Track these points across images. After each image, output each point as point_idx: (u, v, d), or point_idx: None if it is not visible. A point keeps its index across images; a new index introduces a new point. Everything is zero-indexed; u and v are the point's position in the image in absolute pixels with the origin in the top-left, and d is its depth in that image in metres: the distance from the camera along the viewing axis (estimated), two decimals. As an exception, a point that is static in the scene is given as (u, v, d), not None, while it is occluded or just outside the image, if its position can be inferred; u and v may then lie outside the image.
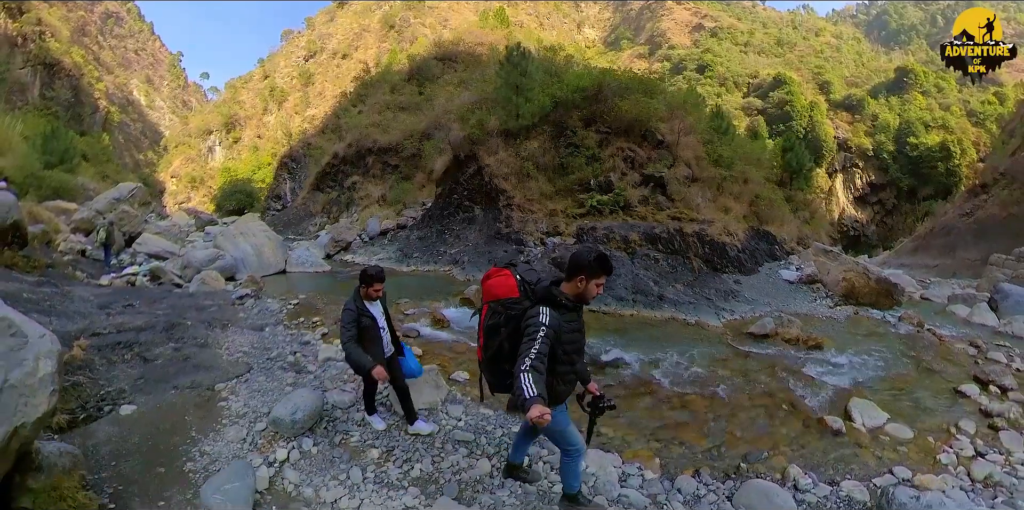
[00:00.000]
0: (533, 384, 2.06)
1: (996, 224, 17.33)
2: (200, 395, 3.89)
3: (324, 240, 17.21)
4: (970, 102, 46.44)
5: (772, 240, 12.41)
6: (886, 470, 3.79)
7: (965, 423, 4.62)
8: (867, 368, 6.06)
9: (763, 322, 7.20)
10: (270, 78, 72.78)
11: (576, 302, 2.44)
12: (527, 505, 2.91)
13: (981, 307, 9.37)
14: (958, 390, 5.40)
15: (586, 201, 11.35)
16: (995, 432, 4.52)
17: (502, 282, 2.57)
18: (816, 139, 40.53)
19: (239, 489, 2.52)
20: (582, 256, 2.40)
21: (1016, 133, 22.73)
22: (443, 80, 26.32)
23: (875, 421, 4.54)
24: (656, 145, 12.57)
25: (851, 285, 9.83)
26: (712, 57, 53.80)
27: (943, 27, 76.17)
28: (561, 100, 13.39)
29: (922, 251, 20.86)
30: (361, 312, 3.53)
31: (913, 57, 60.06)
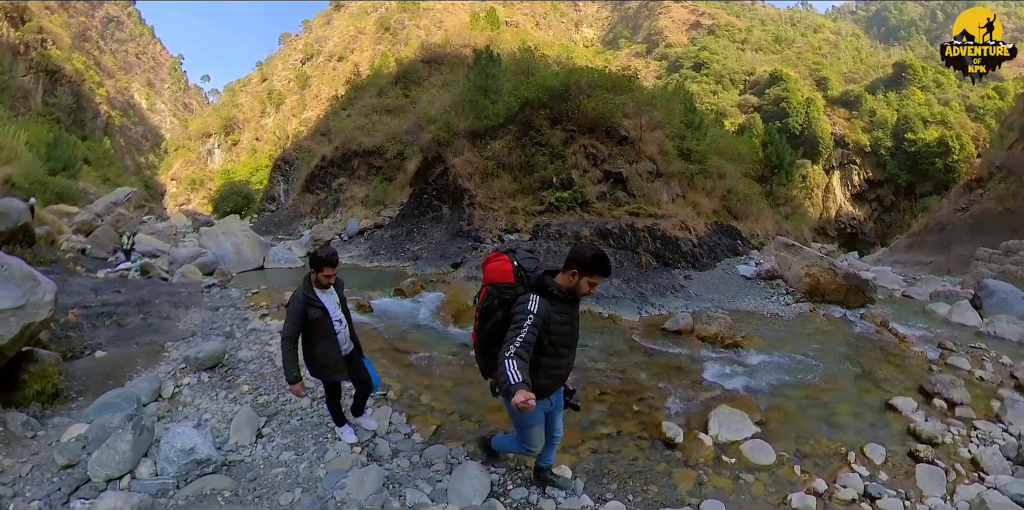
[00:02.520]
0: (518, 370, 2.06)
1: (992, 219, 17.13)
2: (153, 349, 5.35)
3: (306, 239, 17.81)
4: (969, 97, 46.07)
5: (736, 235, 12.27)
6: (693, 501, 3.11)
7: (874, 449, 3.75)
8: (787, 372, 5.46)
9: (678, 318, 6.93)
10: (268, 81, 73.90)
11: (568, 294, 2.41)
12: (300, 433, 3.70)
13: (962, 305, 8.80)
14: (890, 404, 4.59)
15: (546, 198, 11.44)
16: (913, 464, 3.64)
17: (499, 266, 2.56)
18: (813, 136, 40.37)
19: (145, 386, 4.21)
20: (580, 251, 2.38)
21: (1014, 127, 22.38)
22: (428, 82, 26.65)
23: (734, 435, 3.82)
24: (619, 141, 12.59)
25: (815, 281, 9.37)
26: (709, 55, 53.80)
27: (943, 22, 75.53)
28: (529, 100, 13.50)
29: (917, 248, 20.64)
30: (309, 302, 3.18)
31: (912, 53, 59.63)
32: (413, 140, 16.43)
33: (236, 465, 3.19)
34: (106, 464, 2.91)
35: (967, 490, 3.34)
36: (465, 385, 4.68)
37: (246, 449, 3.37)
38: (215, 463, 3.06)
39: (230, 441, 3.43)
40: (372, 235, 16.21)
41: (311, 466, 3.21)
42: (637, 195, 11.62)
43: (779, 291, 9.66)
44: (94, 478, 2.90)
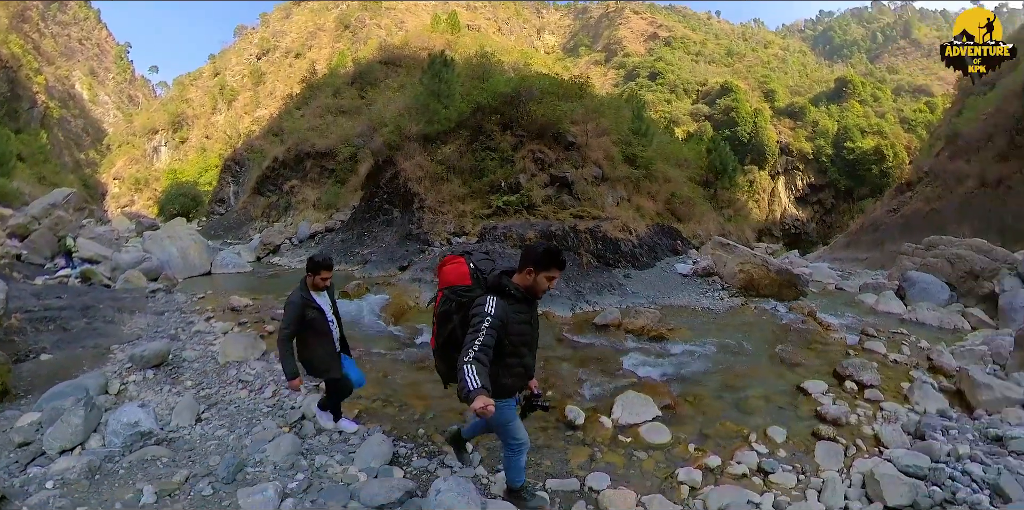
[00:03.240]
0: (476, 375, 2.05)
1: (920, 218, 18.65)
2: (99, 351, 5.42)
3: (256, 243, 17.44)
4: (903, 110, 49.81)
5: (676, 236, 12.99)
6: (581, 474, 3.29)
7: (776, 430, 3.93)
8: (707, 360, 5.72)
9: (607, 313, 7.20)
10: (220, 76, 70.54)
11: (526, 294, 2.41)
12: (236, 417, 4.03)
13: (887, 295, 9.46)
14: (801, 387, 4.79)
15: (494, 202, 11.68)
16: (815, 442, 3.82)
17: (455, 269, 2.54)
18: (760, 144, 42.72)
19: (92, 382, 4.31)
20: (533, 249, 2.39)
21: (941, 137, 24.61)
22: (385, 84, 26.48)
23: (634, 418, 4.02)
24: (567, 147, 13.09)
25: (749, 277, 9.86)
26: (664, 65, 56.04)
27: (882, 43, 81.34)
28: (481, 105, 13.77)
29: (853, 246, 22.26)
30: (307, 304, 3.33)
31: (853, 69, 63.78)
32: (366, 143, 16.36)
33: (176, 440, 3.56)
34: (59, 437, 3.28)
35: (863, 463, 3.49)
36: (393, 374, 5.07)
37: (185, 429, 3.72)
38: (156, 436, 3.47)
39: (171, 424, 3.78)
40: (323, 239, 16.09)
41: (240, 438, 3.58)
42: (582, 199, 12.09)
43: (714, 287, 10.13)
44: (48, 450, 3.25)
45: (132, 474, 3.08)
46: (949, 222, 16.36)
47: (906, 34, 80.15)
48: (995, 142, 17.27)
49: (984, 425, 3.97)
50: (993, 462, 3.25)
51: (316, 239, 16.46)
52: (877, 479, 3.05)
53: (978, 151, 18.09)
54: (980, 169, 17.16)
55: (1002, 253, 9.57)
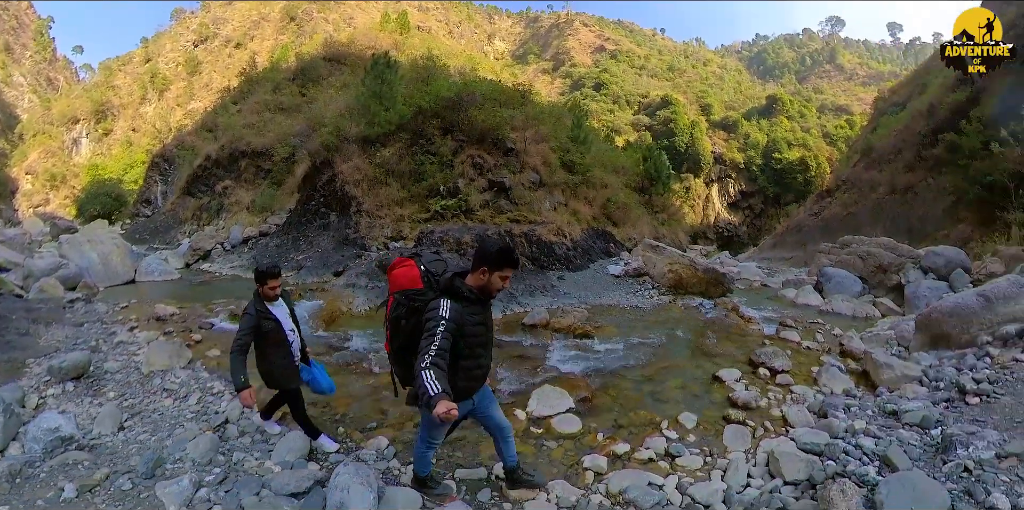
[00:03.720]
0: (436, 381, 2.04)
1: (838, 221, 20.62)
2: (13, 365, 5.15)
3: (184, 248, 16.47)
4: (826, 126, 54.26)
5: (610, 239, 13.59)
6: (490, 463, 3.42)
7: (688, 416, 4.14)
8: (630, 355, 5.95)
9: (535, 313, 7.45)
10: (152, 62, 64.98)
11: (480, 295, 2.39)
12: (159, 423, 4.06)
13: (806, 289, 10.34)
14: (716, 375, 5.05)
15: (432, 206, 11.80)
16: (724, 426, 4.05)
17: (405, 272, 2.49)
18: (696, 153, 45.30)
19: (8, 395, 3.95)
20: (486, 248, 2.37)
21: (858, 150, 27.21)
22: (327, 82, 25.72)
23: (549, 411, 4.18)
24: (506, 152, 13.42)
25: (678, 276, 10.40)
26: (609, 77, 58.19)
27: (810, 66, 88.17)
28: (423, 109, 13.84)
29: (779, 246, 24.11)
30: (262, 315, 3.31)
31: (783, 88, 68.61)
32: (304, 143, 15.95)
33: (97, 446, 3.59)
34: (-24, 444, 3.19)
35: (769, 443, 3.65)
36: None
37: (107, 437, 3.75)
38: (78, 442, 3.50)
39: (93, 432, 3.78)
40: (257, 244, 15.48)
41: (161, 440, 3.68)
42: (519, 203, 12.47)
43: (645, 287, 10.60)
44: (-34, 459, 3.18)
45: (53, 476, 3.14)
46: (863, 224, 18.21)
47: (831, 59, 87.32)
48: (903, 155, 19.46)
49: (883, 401, 4.21)
50: (886, 435, 3.47)
51: (250, 244, 15.75)
52: (777, 457, 3.22)
53: (889, 162, 20.32)
54: (890, 178, 19.26)
55: (907, 250, 10.60)
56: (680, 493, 3.12)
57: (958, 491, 2.66)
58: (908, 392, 4.38)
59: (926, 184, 17.04)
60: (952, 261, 9.04)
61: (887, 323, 7.50)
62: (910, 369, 4.80)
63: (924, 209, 16.53)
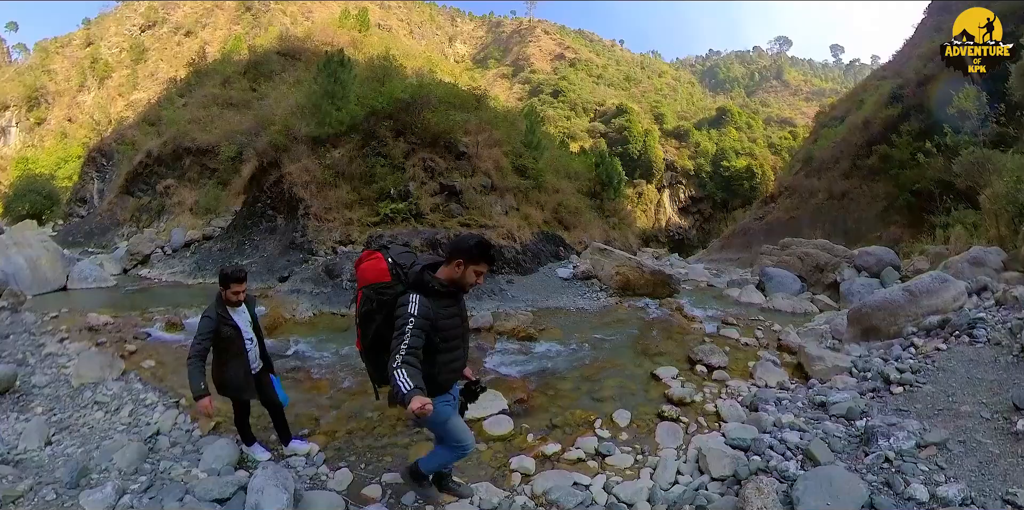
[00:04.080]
0: (408, 378, 2.00)
1: (781, 225, 21.96)
2: None
3: (121, 252, 15.47)
4: (771, 137, 57.30)
5: (560, 242, 13.77)
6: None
7: (621, 414, 4.18)
8: (572, 356, 6.03)
9: (478, 316, 7.45)
10: (94, 46, 59.72)
11: (452, 288, 2.32)
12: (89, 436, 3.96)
13: (749, 288, 10.62)
14: (654, 373, 5.10)
15: (381, 209, 11.71)
16: (657, 423, 4.08)
17: (373, 266, 2.41)
18: (648, 160, 46.90)
19: None
20: (463, 240, 2.32)
21: (800, 159, 29.10)
22: (280, 78, 24.67)
23: (481, 412, 4.11)
24: (458, 156, 13.46)
25: (625, 279, 10.58)
26: (567, 84, 59.38)
27: (758, 81, 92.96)
28: (375, 110, 13.67)
29: (726, 248, 25.35)
30: (222, 320, 3.20)
31: (733, 101, 71.81)
32: (251, 141, 15.39)
33: (23, 461, 3.49)
34: None
35: (700, 439, 3.69)
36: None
37: (34, 452, 3.63)
38: (2, 457, 3.42)
39: (19, 447, 3.65)
40: (200, 248, 14.72)
41: (88, 452, 3.62)
42: (470, 207, 12.53)
43: (593, 289, 10.70)
44: None
45: (-25, 491, 3.07)
46: (804, 227, 19.50)
47: (778, 76, 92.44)
48: (841, 164, 21.09)
49: (814, 393, 4.29)
50: (812, 428, 3.49)
51: (192, 248, 14.94)
52: (704, 453, 3.26)
53: (827, 171, 21.94)
54: (829, 185, 20.82)
55: (842, 250, 11.43)
56: (606, 492, 3.12)
57: (878, 483, 2.68)
58: (838, 383, 4.48)
59: (861, 191, 18.62)
60: (883, 260, 9.71)
61: (823, 318, 7.88)
62: (840, 360, 4.96)
63: (859, 213, 18.05)
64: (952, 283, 5.63)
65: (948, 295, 5.48)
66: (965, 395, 3.55)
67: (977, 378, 3.72)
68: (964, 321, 4.65)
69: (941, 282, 5.62)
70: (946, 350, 4.34)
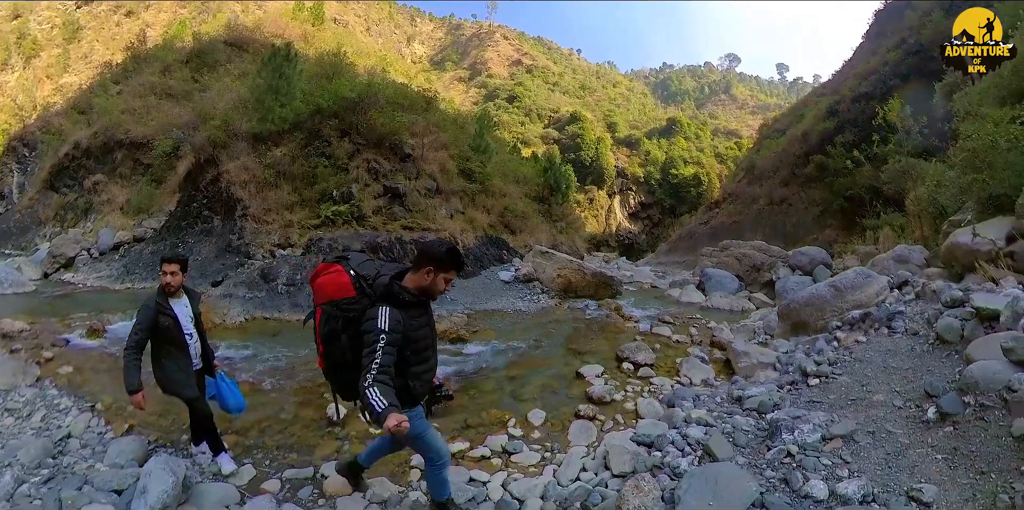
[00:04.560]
0: (382, 396, 1.94)
1: (724, 228, 23.35)
2: None
3: (42, 254, 14.24)
4: (718, 147, 60.08)
5: (503, 246, 13.99)
6: (320, 464, 3.52)
7: (536, 413, 4.27)
8: (502, 356, 6.07)
9: None
10: (22, 19, 53.19)
11: (421, 296, 2.26)
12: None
13: (689, 288, 11.24)
14: (579, 372, 5.15)
15: (323, 212, 11.56)
16: (572, 421, 4.14)
17: (332, 280, 2.24)
18: (600, 167, 48.20)
19: None
20: (433, 247, 2.26)
21: (743, 168, 30.92)
22: (225, 69, 23.30)
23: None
24: (403, 158, 13.46)
25: (567, 281, 10.83)
26: (523, 90, 60.02)
27: (708, 94, 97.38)
28: (321, 108, 13.41)
29: (673, 251, 26.63)
30: (160, 309, 3.03)
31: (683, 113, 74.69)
32: (189, 136, 14.65)
33: None
34: None
35: (612, 436, 3.69)
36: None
37: None
38: None
39: None
40: (130, 251, 13.72)
41: None
42: (414, 210, 12.58)
43: (534, 291, 10.93)
44: None
45: None
46: (746, 230, 20.87)
47: (727, 90, 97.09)
48: (781, 172, 22.74)
49: (735, 389, 4.29)
50: (721, 423, 3.42)
51: (121, 251, 13.88)
52: (609, 450, 3.26)
53: (768, 178, 23.60)
54: (769, 191, 22.48)
55: (777, 250, 12.18)
56: (502, 489, 3.15)
57: (775, 479, 2.55)
58: (760, 377, 4.53)
59: (799, 197, 20.23)
60: (815, 259, 10.36)
61: (758, 315, 8.23)
62: (765, 356, 5.04)
63: (797, 217, 19.64)
64: (875, 278, 5.77)
65: (871, 290, 5.61)
66: (879, 384, 3.51)
67: (893, 367, 3.71)
68: (884, 314, 4.68)
69: (865, 277, 5.76)
70: (865, 342, 4.37)
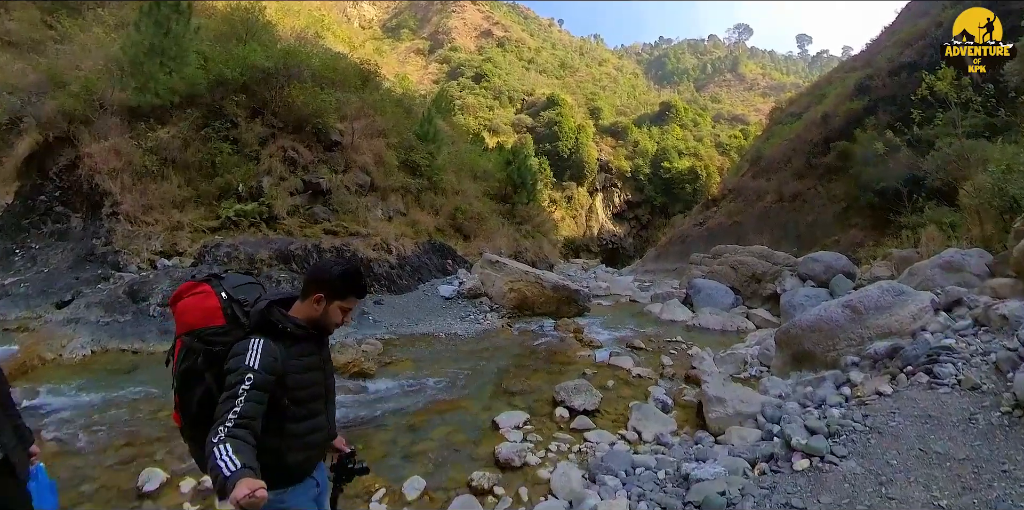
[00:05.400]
0: (234, 455, 1.62)
1: (723, 230, 23.22)
2: None
3: None
4: (720, 136, 61.38)
5: (449, 254, 13.65)
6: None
7: (415, 483, 3.94)
8: (413, 396, 5.80)
9: None
10: None
11: (311, 330, 1.99)
12: None
13: (672, 304, 11.06)
14: (495, 421, 4.82)
15: (222, 211, 10.80)
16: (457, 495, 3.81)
17: (197, 304, 1.98)
18: (580, 160, 48.37)
19: None
20: (325, 269, 2.00)
21: (748, 159, 30.89)
22: (95, 15, 20.69)
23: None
24: (329, 146, 12.92)
25: (521, 296, 10.60)
26: (492, 67, 59.86)
27: (711, 74, 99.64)
28: (225, 79, 12.44)
29: (663, 258, 26.59)
30: None
31: (680, 96, 76.41)
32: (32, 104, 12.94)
33: None
34: None
35: None
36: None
37: None
38: None
39: None
40: None
41: None
42: (341, 211, 12.10)
43: (481, 309, 10.60)
44: None
45: None
46: (748, 233, 20.81)
47: (733, 68, 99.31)
48: (793, 163, 22.57)
49: (689, 456, 3.78)
50: None
51: None
52: None
53: (778, 171, 23.46)
54: (778, 186, 22.21)
55: (782, 257, 11.72)
56: None
57: None
58: (734, 437, 4.06)
59: (815, 192, 19.86)
60: (832, 267, 9.87)
61: (756, 338, 7.79)
62: (747, 403, 4.47)
63: (813, 216, 19.24)
64: (910, 296, 5.14)
65: (905, 312, 4.97)
66: (909, 484, 2.58)
67: (935, 452, 2.78)
68: (923, 350, 4.01)
69: (895, 295, 5.14)
70: (892, 396, 3.61)
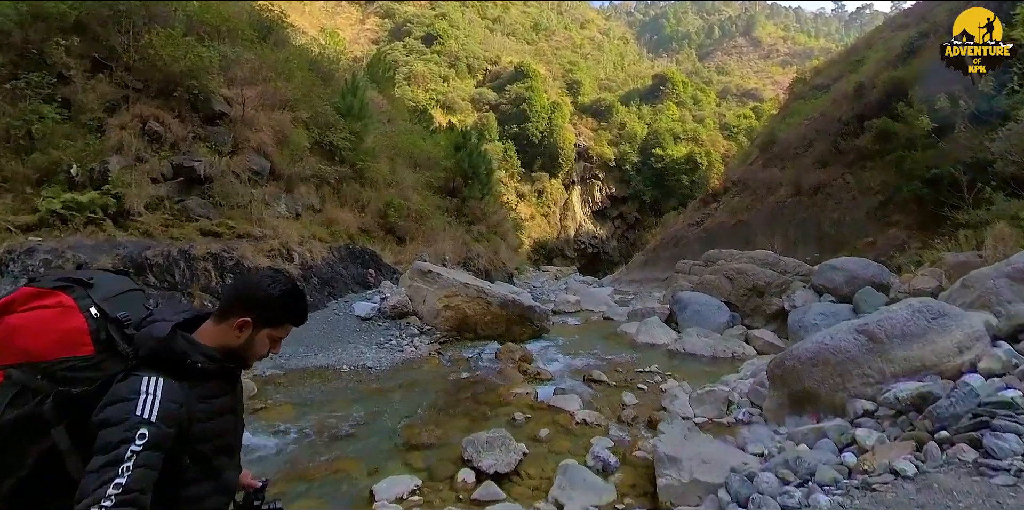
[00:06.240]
0: None
1: (724, 231, 22.81)
2: None
3: None
4: (726, 116, 62.11)
5: (372, 262, 13.36)
6: None
7: None
8: (279, 457, 5.70)
9: None
10: None
11: (227, 363, 1.76)
12: None
13: (651, 323, 10.85)
14: (371, 491, 4.75)
15: (42, 202, 9.64)
16: None
17: (44, 323, 1.60)
18: (553, 145, 48.26)
19: None
20: (259, 286, 1.78)
21: (758, 144, 30.63)
22: None
23: None
24: (211, 119, 12.14)
25: (461, 315, 10.47)
26: (447, 27, 59.39)
27: (718, 38, 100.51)
28: (47, 13, 10.93)
29: (651, 264, 26.56)
30: None
31: (678, 67, 77.28)
32: None
33: None
34: None
35: None
36: None
37: None
38: None
39: None
40: None
41: None
42: (226, 206, 11.44)
43: (407, 332, 10.40)
44: None
45: None
46: (756, 234, 20.33)
47: (747, 31, 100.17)
48: (816, 147, 21.81)
49: None
50: None
51: None
52: None
53: (795, 157, 22.89)
54: (795, 176, 21.42)
55: (793, 264, 11.33)
56: None
57: None
58: None
59: (843, 182, 18.89)
60: (857, 276, 9.45)
61: (753, 368, 7.50)
62: (709, 469, 4.26)
63: (840, 213, 18.32)
64: (954, 319, 4.71)
65: (945, 342, 4.58)
66: None
67: None
68: (967, 405, 3.55)
69: (932, 318, 4.74)
70: (913, 479, 3.18)
